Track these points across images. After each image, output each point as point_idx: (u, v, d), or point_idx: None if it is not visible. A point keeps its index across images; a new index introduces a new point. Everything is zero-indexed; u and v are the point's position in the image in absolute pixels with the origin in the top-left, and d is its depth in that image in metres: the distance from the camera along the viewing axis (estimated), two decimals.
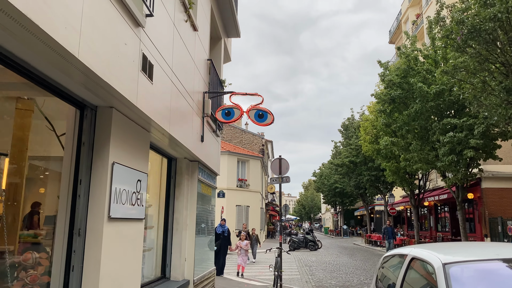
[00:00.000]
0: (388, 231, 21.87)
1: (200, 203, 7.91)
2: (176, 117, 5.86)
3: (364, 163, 30.54)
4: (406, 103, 17.45)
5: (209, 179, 8.84)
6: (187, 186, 7.32)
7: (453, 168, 16.40)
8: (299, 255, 23.09)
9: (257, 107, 7.24)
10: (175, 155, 7.13)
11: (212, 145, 8.69)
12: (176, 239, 7.00)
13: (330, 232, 58.97)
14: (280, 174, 11.07)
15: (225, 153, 28.62)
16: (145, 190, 4.97)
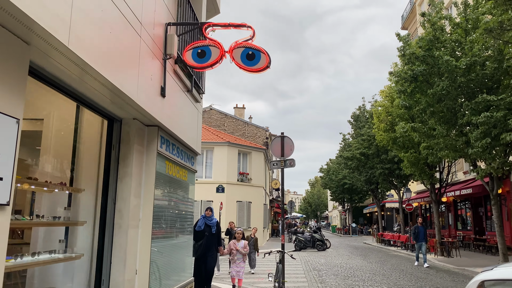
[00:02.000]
0: (420, 231, 17.06)
1: (164, 189, 5.53)
2: (119, 56, 3.81)
3: (376, 155, 27.99)
4: (430, 81, 14.98)
5: (183, 158, 6.44)
6: (139, 161, 4.94)
7: (487, 155, 13.88)
8: (306, 256, 20.67)
9: (246, 44, 4.85)
10: (120, 115, 4.74)
11: (185, 109, 6.28)
12: (119, 240, 4.59)
13: (338, 230, 56.46)
14: (282, 157, 8.66)
15: (224, 144, 26.27)
16: (13, 150, 2.61)
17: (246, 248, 9.60)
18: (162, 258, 5.38)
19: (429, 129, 16.02)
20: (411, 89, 15.70)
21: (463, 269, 14.90)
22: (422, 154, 17.88)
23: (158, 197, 5.22)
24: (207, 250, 8.42)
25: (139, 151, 4.93)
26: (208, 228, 8.59)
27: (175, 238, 6.14)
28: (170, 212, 5.80)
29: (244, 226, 26.48)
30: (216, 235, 8.77)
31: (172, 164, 5.85)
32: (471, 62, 13.49)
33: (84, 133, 4.75)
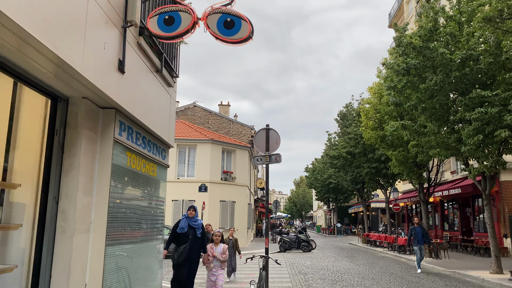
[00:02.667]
0: (417, 233, 15.02)
1: (125, 185, 4.63)
2: (62, 19, 3.06)
3: (363, 154, 27.40)
4: (423, 76, 14.35)
5: (151, 150, 5.55)
6: (90, 151, 4.04)
7: (480, 153, 13.31)
8: (291, 257, 19.90)
9: (223, 10, 4.00)
10: (66, 92, 3.84)
11: (153, 92, 5.39)
12: (62, 248, 3.68)
13: (322, 230, 55.98)
14: (267, 151, 7.83)
15: (208, 142, 25.34)
16: None
17: (225, 254, 7.56)
18: (123, 267, 4.48)
19: (420, 126, 15.42)
20: (402, 84, 15.05)
21: (454, 271, 14.32)
22: (411, 152, 17.30)
23: (116, 195, 4.33)
24: (191, 256, 7.25)
25: (91, 138, 4.03)
26: (192, 230, 7.37)
27: (141, 243, 5.23)
28: (133, 212, 4.91)
29: (228, 227, 25.58)
30: (201, 239, 7.56)
31: (136, 156, 4.95)
32: (466, 56, 12.89)
33: (22, 115, 3.83)
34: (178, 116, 35.55)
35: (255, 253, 23.70)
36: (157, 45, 5.19)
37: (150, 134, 5.44)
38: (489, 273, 13.44)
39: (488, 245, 19.89)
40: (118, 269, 4.32)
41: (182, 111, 38.03)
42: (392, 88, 15.46)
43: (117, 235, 4.31)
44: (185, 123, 29.63)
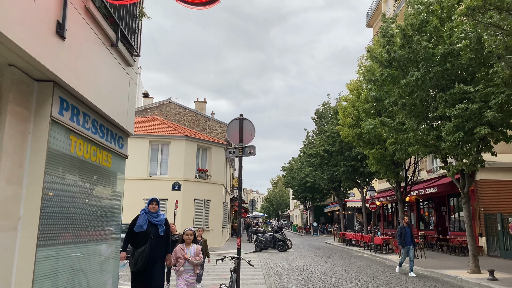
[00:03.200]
0: (406, 232, 14.06)
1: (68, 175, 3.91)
2: None
3: (340, 153, 27.13)
4: (405, 70, 14.03)
5: (105, 136, 4.84)
6: (19, 131, 3.33)
7: (460, 150, 13.07)
8: (266, 257, 19.34)
9: None
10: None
11: (106, 69, 4.67)
12: None
13: (299, 229, 55.77)
14: (241, 143, 7.20)
15: (182, 138, 24.51)
16: None
17: (199, 256, 6.43)
18: (61, 272, 3.76)
19: (399, 123, 15.13)
20: (383, 77, 14.70)
21: (431, 271, 14.05)
22: (389, 150, 17.00)
23: (55, 186, 3.62)
24: (153, 260, 6.07)
25: (20, 115, 3.31)
26: (154, 228, 6.20)
27: (88, 244, 4.50)
28: (78, 208, 4.19)
29: (202, 226, 24.84)
30: (164, 237, 6.41)
31: (84, 141, 4.24)
32: (448, 51, 12.61)
33: None
34: (152, 113, 34.52)
35: (230, 253, 23.06)
36: (112, 16, 4.49)
37: (104, 118, 4.72)
38: (467, 273, 13.22)
39: (464, 244, 19.87)
40: (54, 275, 3.60)
41: (156, 107, 36.96)
42: (373, 81, 15.08)
43: (54, 235, 3.60)
44: (159, 119, 28.69)
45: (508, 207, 19.11)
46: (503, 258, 17.69)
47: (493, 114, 11.61)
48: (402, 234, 14.08)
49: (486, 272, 12.77)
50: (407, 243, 13.92)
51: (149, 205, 6.39)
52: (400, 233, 14.23)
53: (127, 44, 5.16)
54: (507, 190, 19.72)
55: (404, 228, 14.13)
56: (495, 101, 11.69)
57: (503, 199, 19.53)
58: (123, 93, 5.26)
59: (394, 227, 31.68)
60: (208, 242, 25.49)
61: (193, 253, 6.39)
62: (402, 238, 14.00)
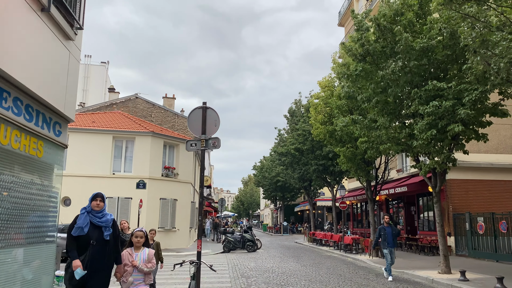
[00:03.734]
0: (387, 233, 12.73)
1: None
2: None
3: (311, 151, 26.76)
4: (379, 64, 13.65)
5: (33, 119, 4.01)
6: None
7: (432, 148, 12.80)
8: (234, 258, 18.64)
9: None
10: None
11: (36, 38, 3.84)
12: None
13: (269, 229, 55.39)
14: (203, 134, 6.47)
15: (148, 135, 23.44)
16: None
17: (151, 262, 5.24)
18: None
19: (371, 121, 14.77)
20: (356, 73, 14.28)
21: (402, 272, 13.74)
22: (360, 148, 16.64)
23: None
24: (94, 272, 4.83)
25: None
26: (97, 231, 4.92)
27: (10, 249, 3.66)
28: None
29: (168, 227, 23.89)
30: (111, 244, 5.08)
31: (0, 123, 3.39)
32: (427, 45, 12.27)
33: None
34: (118, 108, 33.18)
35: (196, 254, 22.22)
36: None
37: (32, 99, 3.89)
38: (438, 273, 12.97)
39: (433, 243, 19.84)
40: None
41: (122, 102, 35.62)
42: (346, 76, 14.63)
43: None
44: (123, 114, 27.46)
45: (476, 206, 19.19)
46: (471, 257, 17.69)
47: (466, 111, 11.37)
48: (381, 235, 12.83)
49: (457, 272, 12.55)
50: (388, 244, 12.68)
51: (91, 202, 5.02)
52: (379, 234, 12.95)
53: (65, 12, 4.32)
54: (476, 190, 19.82)
55: (384, 229, 12.84)
56: (468, 98, 11.46)
57: (472, 199, 19.61)
58: (60, 70, 4.43)
59: (364, 226, 31.66)
60: (175, 243, 24.52)
61: (143, 259, 5.14)
62: (383, 239, 12.75)
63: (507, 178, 19.98)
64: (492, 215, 16.65)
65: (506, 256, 15.74)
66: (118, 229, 5.41)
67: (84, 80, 51.45)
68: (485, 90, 11.33)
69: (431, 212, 21.76)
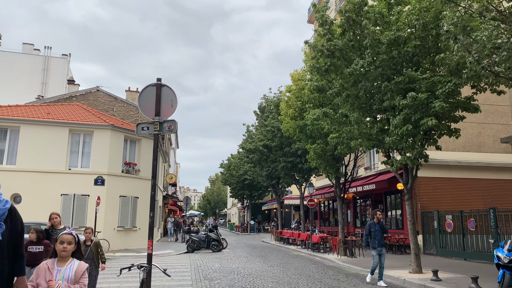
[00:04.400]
0: (377, 231, 11.18)
1: None
2: None
3: (280, 148, 26.10)
4: (348, 59, 13.08)
5: None
6: None
7: (404, 144, 12.33)
8: (198, 259, 17.67)
9: None
10: None
11: None
12: None
13: (235, 228, 54.54)
14: (157, 116, 5.51)
15: (107, 128, 22.05)
16: None
17: (79, 283, 3.47)
18: None
19: (341, 115, 14.18)
20: (325, 67, 13.66)
21: None
22: (330, 144, 16.08)
23: None
24: None
25: None
26: None
27: None
28: None
29: (129, 226, 22.59)
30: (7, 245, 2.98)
31: None
32: (395, 37, 11.78)
33: None
34: (77, 101, 31.35)
35: (158, 255, 21.12)
36: None
37: None
38: (409, 273, 12.54)
39: (401, 242, 19.61)
40: None
41: (82, 95, 33.79)
42: (316, 69, 13.96)
43: None
44: (82, 106, 25.84)
45: (444, 204, 19.08)
46: (439, 256, 17.51)
47: (440, 104, 10.93)
48: (371, 233, 11.16)
49: (428, 271, 12.16)
50: (378, 244, 11.04)
51: None
52: (368, 231, 11.23)
53: None
54: (444, 188, 19.73)
55: (374, 225, 11.16)
56: (442, 90, 11.03)
57: (440, 197, 19.50)
58: None
59: (331, 225, 31.37)
60: (136, 243, 23.15)
61: (69, 276, 3.47)
62: (372, 237, 11.15)
63: (474, 176, 20.02)
64: (461, 213, 16.49)
65: (474, 254, 15.59)
66: (20, 223, 3.16)
67: (43, 73, 48.63)
68: (459, 83, 10.94)
69: (399, 210, 21.57)
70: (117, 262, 15.78)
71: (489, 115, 20.58)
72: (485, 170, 20.08)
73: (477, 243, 15.62)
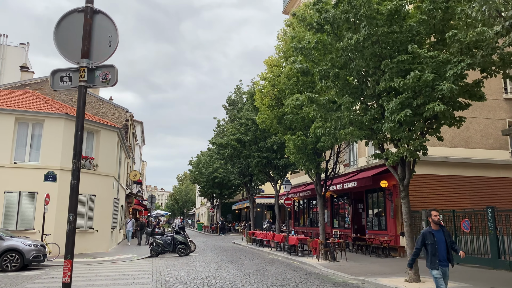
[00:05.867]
0: (438, 242, 7.18)
1: None
2: None
3: (254, 143, 24.19)
4: (339, 34, 11.34)
5: None
6: None
7: (403, 133, 10.68)
8: (162, 266, 15.50)
9: None
10: None
11: None
12: None
13: (204, 228, 52.24)
14: (86, 59, 3.46)
15: (60, 117, 19.47)
16: None
17: None
18: None
19: (329, 101, 12.46)
20: (312, 44, 11.86)
21: (362, 280, 11.57)
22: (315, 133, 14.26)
23: None
24: None
25: None
26: None
27: None
28: None
29: (84, 227, 20.06)
30: None
31: None
32: (397, 7, 10.12)
33: None
34: (31, 90, 28.30)
35: (117, 260, 18.75)
36: None
37: None
38: (405, 281, 10.93)
39: (386, 244, 18.14)
40: None
41: (37, 83, 30.77)
42: (299, 50, 12.15)
43: None
44: (33, 93, 23.01)
45: (430, 203, 17.71)
46: None
47: (450, 85, 9.32)
48: (428, 246, 7.25)
49: (428, 280, 10.59)
50: (442, 261, 7.17)
51: None
52: (422, 244, 7.38)
53: None
54: (430, 185, 18.40)
55: (432, 235, 7.26)
56: (453, 72, 9.42)
57: (426, 195, 18.14)
58: None
59: (306, 225, 29.79)
60: (92, 246, 20.46)
61: None
62: (430, 253, 7.20)
63: (461, 173, 18.80)
64: (453, 212, 15.13)
65: (469, 259, 14.22)
66: None
67: None
68: (472, 62, 9.39)
69: (381, 210, 20.13)
70: None
71: (476, 109, 19.40)
72: (473, 167, 18.91)
73: (472, 246, 14.26)
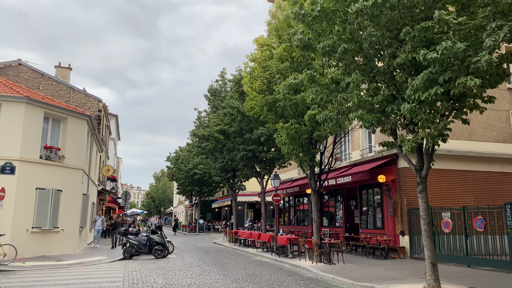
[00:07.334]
0: None
1: None
2: None
3: (239, 134, 22.31)
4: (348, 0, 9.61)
5: None
6: None
7: (424, 115, 9.02)
8: (136, 270, 13.47)
9: None
10: None
11: None
12: None
13: (182, 227, 50.02)
14: None
15: (21, 101, 17.12)
16: None
17: None
18: None
19: (332, 81, 10.74)
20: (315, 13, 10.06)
21: (371, 287, 9.88)
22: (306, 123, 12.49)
23: None
24: None
25: None
26: None
27: None
28: None
29: (48, 226, 17.73)
30: None
31: None
32: None
33: None
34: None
35: (85, 263, 16.56)
36: None
37: None
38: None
39: (384, 244, 16.62)
40: None
41: (0, 69, 28.03)
42: (302, 17, 10.34)
43: None
44: None
45: (433, 199, 16.24)
46: None
47: (489, 57, 7.70)
48: None
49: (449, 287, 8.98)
50: None
51: None
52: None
53: None
54: (432, 180, 16.88)
55: None
56: (493, 40, 7.80)
57: (430, 190, 16.58)
58: None
59: (292, 224, 28.15)
60: (57, 248, 17.97)
61: None
62: None
63: (464, 167, 17.45)
64: (464, 209, 13.67)
65: (481, 261, 12.78)
66: None
67: None
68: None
69: (378, 207, 18.59)
70: (25, 276, 11.26)
71: None
72: (476, 161, 17.58)
73: (486, 247, 12.82)
